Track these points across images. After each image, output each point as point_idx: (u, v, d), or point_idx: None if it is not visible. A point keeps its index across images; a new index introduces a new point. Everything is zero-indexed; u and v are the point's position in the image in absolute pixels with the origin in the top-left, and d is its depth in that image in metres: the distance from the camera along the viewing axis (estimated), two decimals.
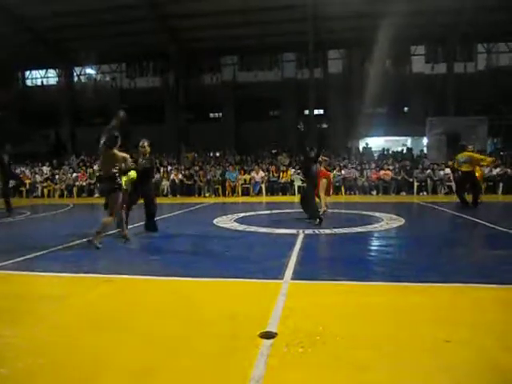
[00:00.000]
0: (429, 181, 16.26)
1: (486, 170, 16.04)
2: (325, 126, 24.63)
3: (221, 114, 26.66)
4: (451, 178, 15.39)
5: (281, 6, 19.01)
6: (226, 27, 21.01)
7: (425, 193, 16.13)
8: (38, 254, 5.40)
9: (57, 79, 28.33)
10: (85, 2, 18.71)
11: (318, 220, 7.74)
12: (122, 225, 6.41)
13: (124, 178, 6.41)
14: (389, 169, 17.12)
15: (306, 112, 23.56)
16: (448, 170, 15.59)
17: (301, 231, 6.86)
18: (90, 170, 19.35)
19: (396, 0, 16.54)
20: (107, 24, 20.59)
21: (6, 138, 13.70)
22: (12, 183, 12.55)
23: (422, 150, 21.46)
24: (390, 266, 4.57)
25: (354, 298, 3.46)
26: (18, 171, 21.12)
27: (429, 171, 16.58)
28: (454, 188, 15.30)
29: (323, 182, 9.19)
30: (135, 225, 7.91)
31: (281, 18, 20.04)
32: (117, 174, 5.91)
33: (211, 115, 27.25)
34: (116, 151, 5.80)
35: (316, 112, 23.24)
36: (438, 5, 18.12)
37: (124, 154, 5.94)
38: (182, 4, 19.42)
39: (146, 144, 7.17)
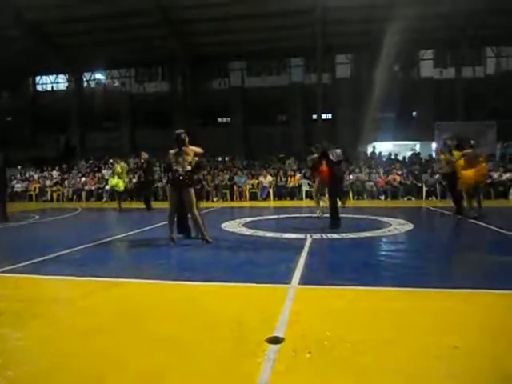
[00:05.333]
0: (438, 185, 16.11)
1: (496, 175, 15.89)
2: (333, 130, 24.59)
3: (229, 119, 26.73)
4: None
5: (289, 11, 19.02)
6: (234, 32, 21.09)
7: (434, 198, 16.00)
8: (46, 257, 5.44)
9: (67, 84, 28.58)
10: (94, 8, 18.90)
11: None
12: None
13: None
14: (397, 173, 17.03)
15: (314, 117, 23.56)
16: None
17: (308, 236, 6.84)
18: (98, 175, 19.43)
19: (404, 4, 16.52)
20: (116, 29, 20.75)
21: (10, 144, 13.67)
22: None
23: (430, 155, 21.32)
24: (398, 272, 4.54)
25: (361, 303, 3.44)
26: (27, 175, 21.41)
27: (438, 176, 16.43)
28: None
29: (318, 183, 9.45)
30: (143, 229, 7.95)
31: (289, 23, 20.04)
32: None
33: (219, 120, 27.33)
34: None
35: (324, 117, 23.20)
36: (446, 9, 18.03)
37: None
38: (190, 9, 19.50)
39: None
